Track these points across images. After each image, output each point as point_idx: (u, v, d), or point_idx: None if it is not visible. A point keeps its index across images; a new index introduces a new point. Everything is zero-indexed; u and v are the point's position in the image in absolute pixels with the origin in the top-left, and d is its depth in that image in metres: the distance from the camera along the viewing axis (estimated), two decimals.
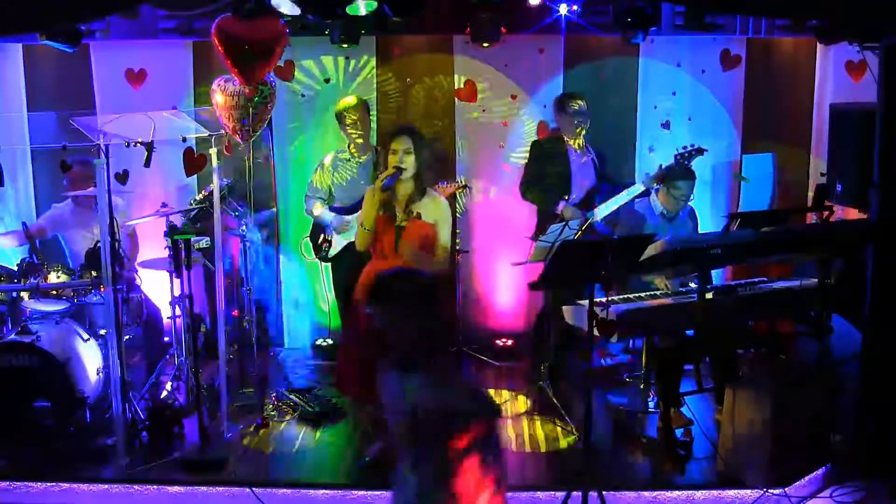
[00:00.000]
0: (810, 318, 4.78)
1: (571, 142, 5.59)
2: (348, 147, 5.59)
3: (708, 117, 6.31)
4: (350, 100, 5.59)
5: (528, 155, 5.83)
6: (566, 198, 5.52)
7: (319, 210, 5.50)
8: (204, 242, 5.39)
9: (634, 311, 4.53)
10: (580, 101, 5.55)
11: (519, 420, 5.18)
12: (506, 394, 5.58)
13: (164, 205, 5.38)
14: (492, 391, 5.65)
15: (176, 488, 4.31)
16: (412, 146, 4.11)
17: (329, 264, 5.74)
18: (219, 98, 5.13)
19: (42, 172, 6.23)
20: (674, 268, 4.70)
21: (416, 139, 4.15)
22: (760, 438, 4.23)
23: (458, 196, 6.04)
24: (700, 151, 5.37)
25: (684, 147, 5.40)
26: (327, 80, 6.21)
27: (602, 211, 5.46)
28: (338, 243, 5.52)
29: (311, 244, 5.72)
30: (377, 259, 4.24)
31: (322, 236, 5.62)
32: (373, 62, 6.18)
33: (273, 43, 4.87)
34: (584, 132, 5.59)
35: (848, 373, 4.70)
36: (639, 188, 5.40)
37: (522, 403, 5.43)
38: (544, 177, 5.58)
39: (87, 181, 5.07)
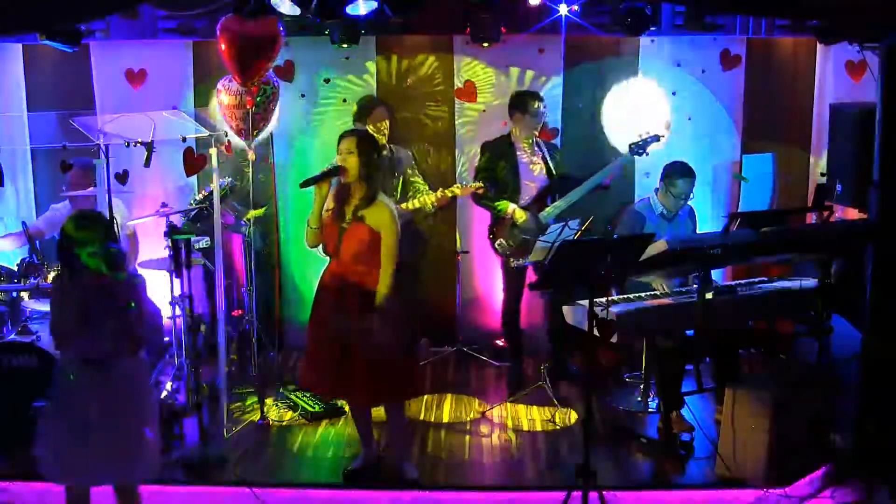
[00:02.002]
0: (810, 318, 4.79)
1: (522, 142, 5.55)
2: None
3: (708, 117, 6.31)
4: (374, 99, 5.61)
5: (478, 158, 5.72)
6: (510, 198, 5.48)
7: None
8: (204, 242, 5.40)
9: (634, 311, 4.53)
10: (542, 102, 5.52)
11: (519, 420, 5.19)
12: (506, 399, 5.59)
13: (164, 205, 5.38)
14: (496, 402, 5.66)
15: (176, 488, 4.30)
16: (355, 147, 4.08)
17: None
18: (224, 98, 5.13)
19: (42, 172, 6.23)
20: (674, 268, 4.70)
21: (361, 142, 4.12)
22: (760, 438, 4.23)
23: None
24: (656, 138, 5.37)
25: (639, 136, 5.39)
26: (327, 81, 6.20)
27: (554, 210, 5.43)
28: None
29: None
30: (331, 259, 4.26)
31: None
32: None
33: (271, 42, 4.87)
34: (537, 133, 5.55)
35: (848, 373, 4.70)
36: (591, 185, 5.39)
37: (522, 403, 5.43)
38: (494, 179, 5.50)
39: (86, 184, 5.07)
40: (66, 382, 3.44)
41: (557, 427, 5.05)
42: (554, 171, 5.57)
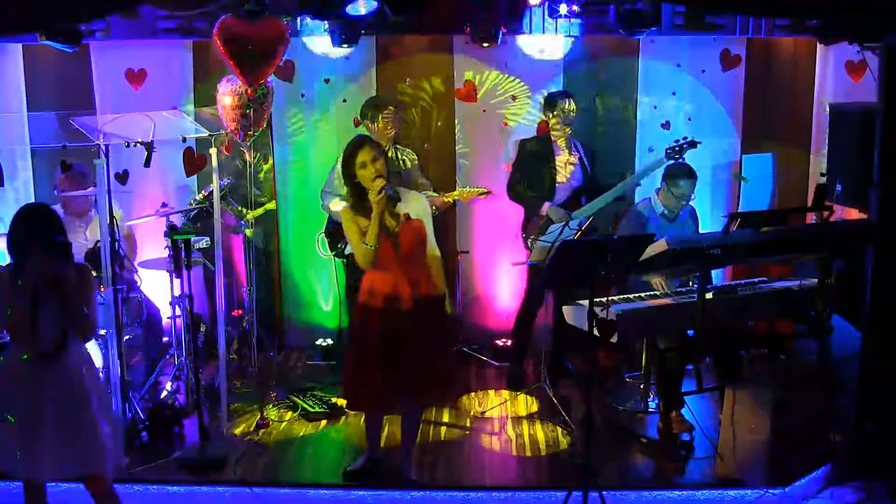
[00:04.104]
0: (810, 318, 4.78)
1: (559, 140, 5.57)
2: None
3: (708, 117, 6.31)
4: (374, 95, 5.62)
5: (515, 155, 5.76)
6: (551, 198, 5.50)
7: (338, 207, 5.48)
8: (204, 242, 5.40)
9: (634, 311, 4.53)
10: (572, 101, 5.54)
11: (519, 420, 5.19)
12: (506, 394, 5.58)
13: (164, 205, 5.38)
14: (492, 392, 5.66)
15: (176, 488, 4.31)
16: (376, 152, 4.03)
17: (343, 261, 5.73)
18: (227, 100, 5.13)
19: (42, 172, 6.22)
20: (674, 268, 4.70)
21: (376, 145, 4.10)
22: (760, 438, 4.23)
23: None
24: (693, 144, 5.33)
25: (676, 141, 5.37)
26: (327, 81, 6.20)
27: (586, 211, 5.44)
28: None
29: (326, 241, 5.70)
30: (376, 271, 4.08)
31: (328, 229, 5.63)
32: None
33: (276, 43, 4.86)
34: (570, 131, 5.57)
35: (848, 373, 4.70)
36: (623, 188, 5.39)
37: (522, 403, 5.43)
38: (530, 177, 5.55)
39: (75, 188, 5.08)
40: (14, 375, 3.49)
41: (558, 427, 5.05)
42: (590, 172, 5.58)
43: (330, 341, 6.22)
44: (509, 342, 6.21)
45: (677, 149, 5.33)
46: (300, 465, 4.64)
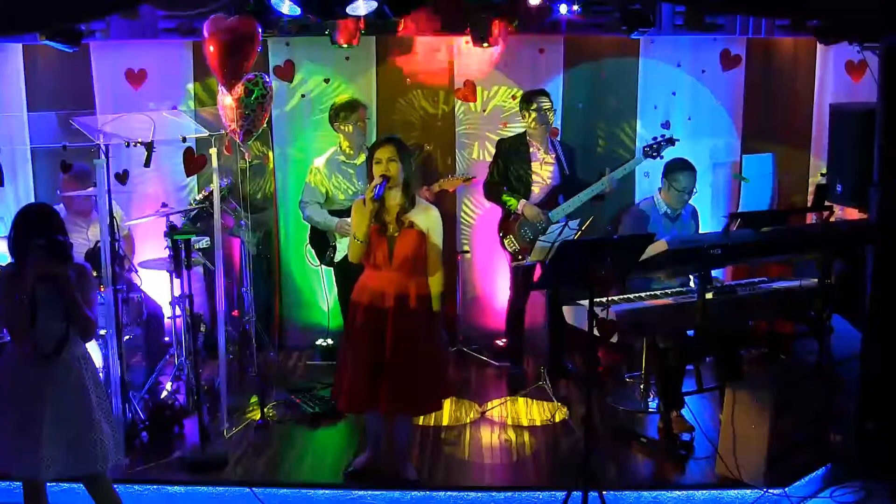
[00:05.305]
0: (810, 318, 4.79)
1: (536, 140, 5.56)
2: (342, 147, 5.56)
3: (708, 117, 6.31)
4: (348, 98, 5.60)
5: (492, 154, 5.75)
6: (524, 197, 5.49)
7: (320, 216, 5.49)
8: (204, 242, 5.40)
9: (634, 311, 4.53)
10: (548, 99, 5.52)
11: (519, 420, 5.19)
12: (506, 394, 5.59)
13: (164, 205, 5.38)
14: (496, 402, 5.66)
15: (176, 488, 4.31)
16: (396, 154, 4.04)
17: (331, 268, 5.73)
18: (227, 100, 5.13)
19: (42, 172, 6.23)
20: (674, 268, 4.70)
21: (400, 148, 4.09)
22: (760, 438, 4.23)
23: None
24: (671, 142, 5.34)
25: (654, 138, 5.37)
26: (327, 81, 6.20)
27: (563, 210, 5.44)
28: (342, 247, 5.49)
29: (313, 250, 5.70)
30: (371, 270, 4.18)
31: (312, 239, 5.64)
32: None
33: (254, 42, 4.85)
34: (547, 130, 5.56)
35: (848, 373, 4.70)
36: (600, 186, 5.38)
37: (522, 404, 5.43)
38: (507, 176, 5.55)
39: (78, 188, 5.08)
40: (14, 375, 3.50)
41: (558, 427, 5.05)
42: (567, 171, 5.57)
43: (330, 341, 6.21)
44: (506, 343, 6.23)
45: (654, 146, 5.33)
46: (300, 465, 4.64)
